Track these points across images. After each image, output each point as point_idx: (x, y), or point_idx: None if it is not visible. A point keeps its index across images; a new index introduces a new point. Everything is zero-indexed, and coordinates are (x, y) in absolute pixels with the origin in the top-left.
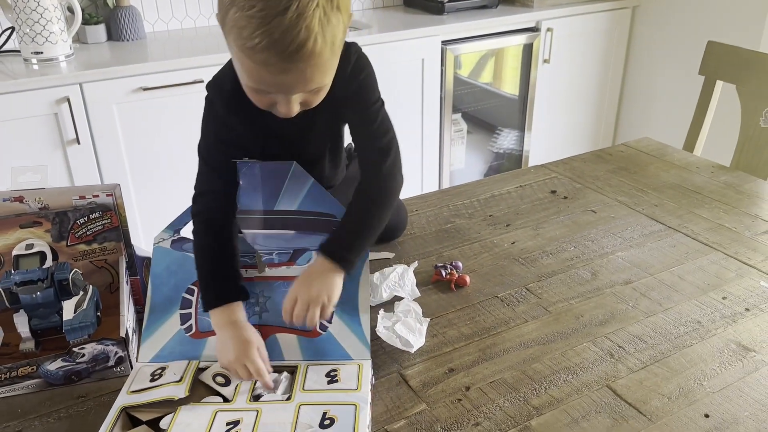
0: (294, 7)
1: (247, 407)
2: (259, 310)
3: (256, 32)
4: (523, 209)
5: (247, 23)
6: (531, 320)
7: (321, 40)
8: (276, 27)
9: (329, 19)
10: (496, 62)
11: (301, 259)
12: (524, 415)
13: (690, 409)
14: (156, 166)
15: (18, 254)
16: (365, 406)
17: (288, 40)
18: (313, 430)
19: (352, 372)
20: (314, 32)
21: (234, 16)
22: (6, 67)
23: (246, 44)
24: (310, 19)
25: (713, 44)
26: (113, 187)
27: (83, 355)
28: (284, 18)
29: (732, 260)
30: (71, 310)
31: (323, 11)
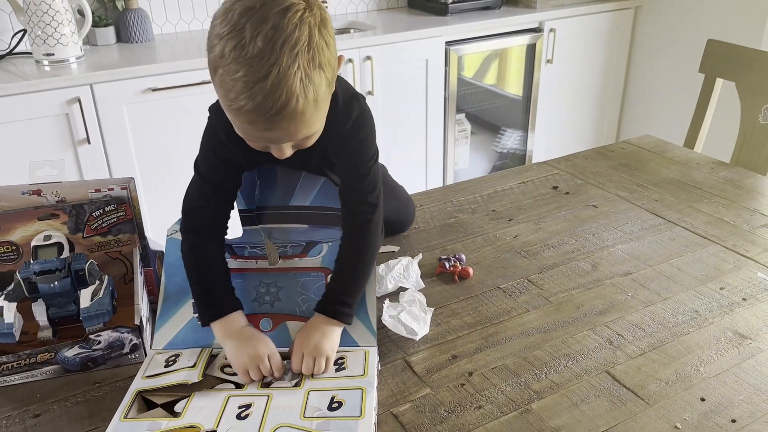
0: (275, 72)
1: (258, 392)
2: (270, 299)
3: (241, 96)
4: (526, 204)
5: (232, 86)
6: (532, 310)
7: (303, 100)
8: (258, 91)
9: (311, 79)
10: (500, 63)
11: (313, 251)
12: (525, 398)
13: (686, 393)
14: (165, 165)
15: (36, 245)
16: (371, 390)
17: (270, 104)
18: (321, 412)
19: (358, 358)
20: (295, 94)
21: (220, 78)
22: (18, 69)
23: (232, 105)
24: (290, 82)
25: (713, 42)
26: (128, 180)
27: (99, 342)
28: (266, 83)
29: (730, 252)
30: (88, 299)
31: (304, 72)
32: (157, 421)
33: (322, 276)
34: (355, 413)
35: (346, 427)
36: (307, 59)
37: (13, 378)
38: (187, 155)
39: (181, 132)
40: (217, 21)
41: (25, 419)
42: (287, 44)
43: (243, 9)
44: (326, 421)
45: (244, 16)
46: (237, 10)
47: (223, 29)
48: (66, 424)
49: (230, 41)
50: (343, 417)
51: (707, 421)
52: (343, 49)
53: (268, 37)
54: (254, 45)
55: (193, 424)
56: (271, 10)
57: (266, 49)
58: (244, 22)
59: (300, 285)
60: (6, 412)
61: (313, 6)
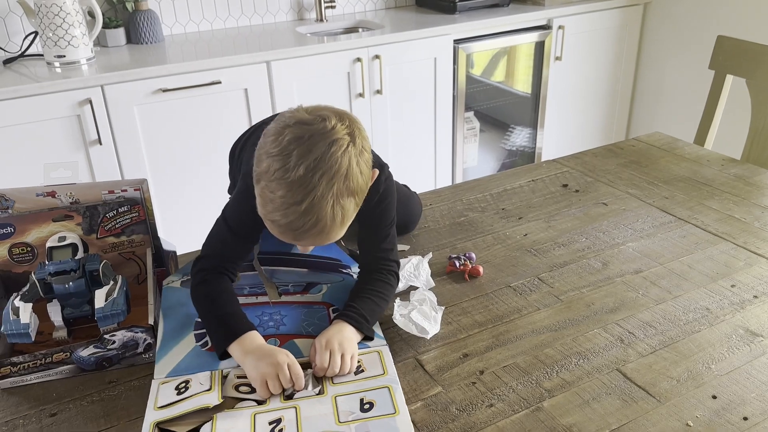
0: (310, 199)
1: (284, 406)
2: (275, 325)
3: (276, 212)
4: (535, 203)
5: (270, 200)
6: (543, 308)
7: (331, 223)
8: (292, 212)
9: (342, 206)
10: (508, 60)
11: (314, 290)
12: (536, 396)
13: (698, 391)
14: (175, 165)
15: (51, 246)
16: (397, 387)
17: (300, 223)
18: (355, 415)
19: (374, 359)
20: (325, 218)
21: (262, 189)
22: (30, 71)
23: (267, 216)
24: (323, 208)
25: (723, 39)
26: (141, 182)
27: (114, 342)
28: (300, 207)
29: (741, 250)
30: (102, 299)
31: (336, 200)
32: None
33: (324, 308)
34: (390, 411)
35: (386, 426)
36: (342, 188)
37: (29, 377)
38: (198, 155)
39: (192, 132)
40: (269, 138)
41: (41, 418)
42: (326, 175)
43: (293, 137)
44: (364, 423)
45: (292, 143)
46: (287, 137)
47: (272, 149)
48: (82, 423)
49: (276, 162)
50: (379, 416)
51: (719, 418)
52: (351, 48)
53: (310, 167)
54: (296, 172)
55: None
56: (318, 142)
57: (306, 177)
58: (291, 149)
59: (304, 314)
60: (23, 411)
61: (356, 138)
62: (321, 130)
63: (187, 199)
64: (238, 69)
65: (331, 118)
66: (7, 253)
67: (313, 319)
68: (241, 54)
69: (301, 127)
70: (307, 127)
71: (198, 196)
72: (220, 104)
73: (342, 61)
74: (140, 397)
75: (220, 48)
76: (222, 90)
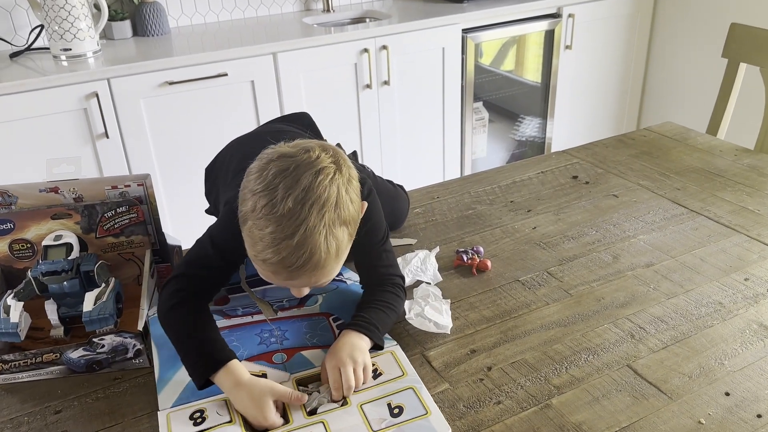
0: (302, 230)
1: (310, 422)
2: (277, 340)
3: (267, 250)
4: (545, 195)
5: (259, 239)
6: (552, 303)
7: (325, 255)
8: (284, 248)
9: (335, 236)
10: (518, 49)
11: (310, 301)
12: (545, 393)
13: (710, 388)
14: (183, 158)
15: (47, 245)
16: (421, 386)
17: (294, 259)
18: (388, 421)
19: (388, 361)
20: (319, 250)
21: (249, 229)
22: (36, 64)
23: (257, 256)
24: (315, 240)
25: (736, 26)
26: (144, 177)
27: (103, 345)
28: (292, 240)
29: (755, 242)
30: (91, 302)
31: (329, 230)
32: None
33: (324, 319)
34: (421, 412)
35: (422, 428)
36: (333, 217)
37: (20, 376)
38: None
39: (199, 125)
40: (252, 176)
41: (46, 415)
42: (316, 205)
43: (277, 170)
44: (399, 428)
45: (278, 177)
46: (272, 171)
47: (257, 186)
48: (86, 420)
49: (262, 198)
50: (411, 419)
51: (732, 416)
52: (358, 39)
53: (298, 198)
54: (285, 205)
55: None
56: (304, 173)
57: (296, 209)
58: (277, 182)
59: (305, 327)
60: (27, 408)
61: (342, 167)
62: (306, 161)
63: (195, 192)
64: (244, 61)
65: (314, 148)
66: (7, 249)
67: (315, 331)
68: (248, 46)
69: (285, 160)
70: (292, 159)
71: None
72: (226, 97)
73: (349, 52)
74: (145, 395)
75: (227, 40)
76: (229, 82)
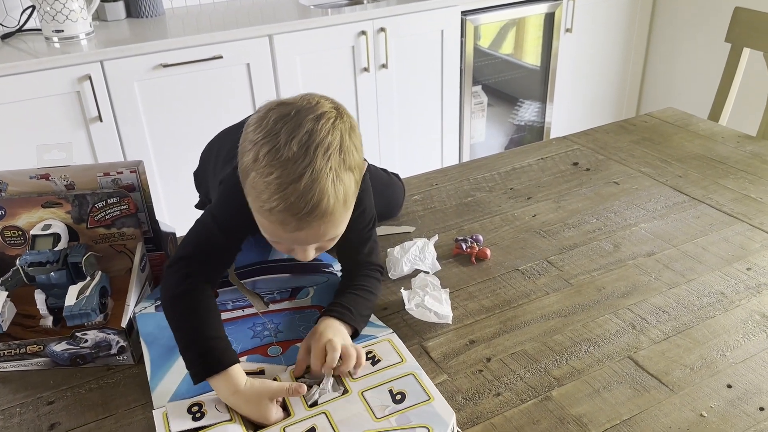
0: (308, 173)
1: (312, 413)
2: (270, 333)
3: (273, 197)
4: (545, 182)
5: (264, 188)
6: (552, 293)
7: (333, 200)
8: (291, 192)
9: (341, 180)
10: (517, 32)
11: (301, 294)
12: (545, 385)
13: (712, 380)
14: (177, 141)
15: (35, 234)
16: (421, 372)
17: (302, 204)
18: (391, 408)
19: (386, 348)
20: (327, 194)
21: (252, 181)
22: (28, 46)
23: (263, 206)
24: (323, 183)
25: (740, 10)
26: (137, 163)
27: (86, 340)
28: (299, 184)
29: (757, 231)
30: (74, 297)
31: (335, 174)
32: None
33: (316, 312)
34: (423, 398)
35: (426, 413)
36: (339, 161)
37: (5, 365)
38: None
39: (194, 108)
40: (251, 128)
41: (38, 406)
42: (320, 147)
43: (278, 116)
44: (403, 414)
45: (279, 122)
46: (272, 118)
47: (257, 135)
48: (80, 411)
49: (264, 146)
50: (414, 405)
51: (734, 409)
52: (356, 21)
53: (302, 141)
54: (289, 148)
55: None
56: (306, 117)
57: (300, 152)
58: (279, 128)
59: (297, 319)
60: (20, 399)
61: (344, 114)
62: (306, 106)
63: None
64: (240, 43)
65: (314, 96)
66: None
67: (308, 323)
68: (243, 28)
69: (285, 107)
70: (291, 105)
71: None
72: (221, 79)
73: (346, 35)
74: (139, 385)
75: (222, 21)
76: (224, 65)
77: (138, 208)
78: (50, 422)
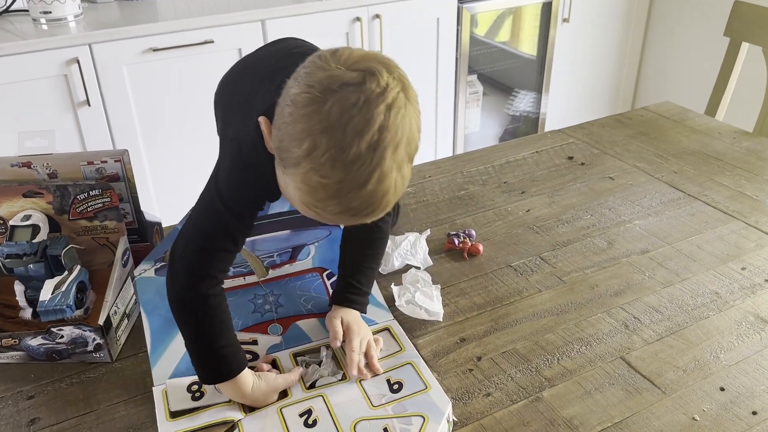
0: (375, 177)
1: (309, 395)
2: (271, 308)
3: (330, 201)
4: (539, 176)
5: (321, 188)
6: (545, 290)
7: (392, 198)
8: (353, 198)
9: (403, 175)
10: (514, 21)
11: (302, 254)
12: (536, 386)
13: (705, 383)
14: (167, 127)
15: (14, 225)
16: (420, 361)
17: (362, 208)
18: (388, 396)
19: (386, 336)
20: (388, 195)
21: (304, 175)
22: (15, 27)
23: (315, 204)
24: (387, 184)
25: (740, 4)
26: (121, 152)
27: (62, 336)
28: (364, 190)
29: (752, 230)
30: (49, 291)
31: (399, 172)
32: None
33: (317, 275)
34: (420, 387)
35: (424, 403)
36: (404, 156)
37: None
38: (189, 116)
39: (184, 94)
40: (306, 110)
41: (18, 401)
42: (390, 146)
43: (342, 107)
44: (400, 403)
45: (344, 114)
46: (335, 106)
47: (316, 124)
48: (60, 406)
49: (324, 140)
50: (411, 394)
51: (726, 412)
52: (351, 7)
53: (372, 141)
54: (356, 149)
55: None
56: (377, 107)
57: (368, 153)
58: (344, 121)
59: (298, 288)
60: None
61: (408, 90)
62: (375, 92)
63: (179, 163)
64: (231, 28)
65: (380, 71)
66: None
67: (309, 292)
68: (235, 12)
69: (349, 92)
70: (359, 91)
71: (190, 160)
72: (212, 64)
73: (340, 21)
74: (121, 380)
75: (214, 5)
76: (215, 50)
77: (121, 200)
78: (30, 417)
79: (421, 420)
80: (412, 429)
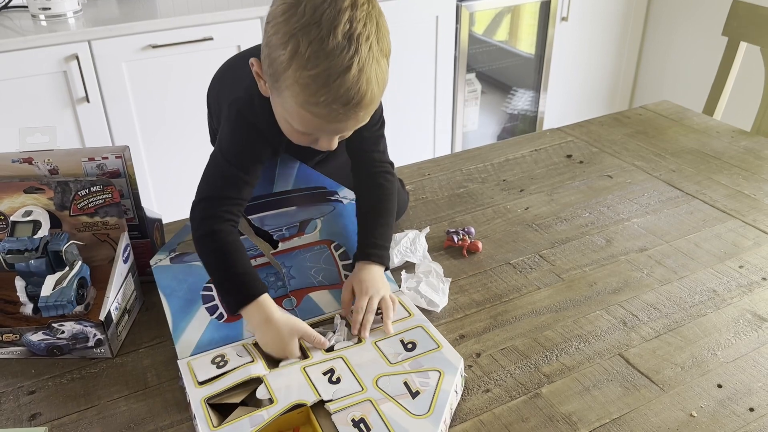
0: (356, 63)
1: (330, 357)
2: (283, 283)
3: (321, 90)
4: (538, 174)
5: (311, 81)
6: (543, 287)
7: (377, 88)
8: (340, 84)
9: (381, 67)
10: (513, 19)
11: (309, 228)
12: (535, 382)
13: (703, 379)
14: (166, 124)
15: (15, 220)
16: (429, 324)
17: (351, 95)
18: (404, 355)
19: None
20: (372, 83)
21: (294, 75)
22: (14, 23)
23: (309, 100)
24: (368, 73)
25: (738, 3)
26: (122, 149)
27: (63, 331)
28: (348, 76)
29: (750, 228)
30: (50, 287)
31: (377, 62)
32: (254, 416)
33: (325, 248)
34: (432, 346)
35: (437, 359)
36: (378, 49)
37: None
38: (188, 113)
39: (183, 90)
40: (281, 19)
41: (19, 396)
42: (362, 36)
43: (313, 5)
44: (416, 360)
45: (317, 11)
46: (307, 6)
47: (294, 26)
48: (61, 402)
49: (305, 35)
50: (425, 352)
51: (724, 409)
52: None
53: (345, 30)
54: (334, 38)
55: (297, 402)
56: (342, 4)
57: (344, 42)
58: (318, 17)
59: (307, 260)
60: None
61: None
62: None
63: (178, 160)
64: (230, 25)
65: None
66: None
67: (319, 264)
68: (234, 9)
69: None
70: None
71: (189, 157)
72: (211, 62)
73: None
74: (122, 375)
75: (213, 2)
76: (214, 47)
77: (122, 196)
78: (31, 412)
79: (437, 374)
80: (430, 382)
